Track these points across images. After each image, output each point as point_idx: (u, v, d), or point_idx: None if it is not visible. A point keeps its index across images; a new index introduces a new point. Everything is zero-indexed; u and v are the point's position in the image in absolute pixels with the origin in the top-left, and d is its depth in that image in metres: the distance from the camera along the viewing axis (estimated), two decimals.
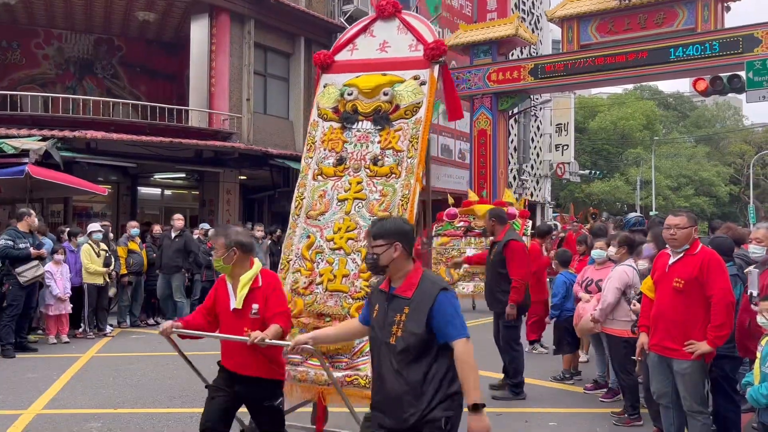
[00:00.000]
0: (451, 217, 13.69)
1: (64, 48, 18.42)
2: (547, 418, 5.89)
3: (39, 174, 11.37)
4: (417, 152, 4.86)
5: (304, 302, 4.71)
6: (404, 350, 2.97)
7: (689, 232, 4.43)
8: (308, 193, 5.07)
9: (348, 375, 4.42)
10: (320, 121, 5.22)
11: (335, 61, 5.38)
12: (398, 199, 4.72)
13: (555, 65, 16.75)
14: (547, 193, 31.68)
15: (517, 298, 6.46)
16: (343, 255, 4.74)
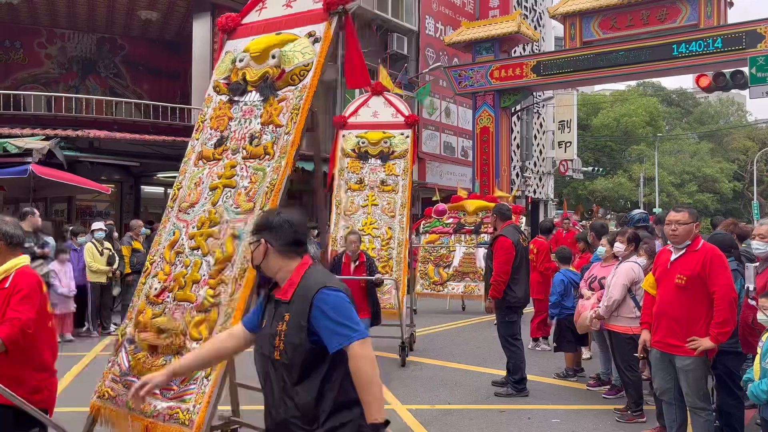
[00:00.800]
0: (440, 214, 13.31)
1: (67, 47, 18.46)
2: (550, 415, 5.90)
3: (42, 173, 11.40)
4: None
5: (153, 313, 3.88)
6: (288, 366, 2.46)
7: (690, 228, 4.44)
8: (186, 181, 4.25)
9: (171, 407, 3.52)
10: (214, 95, 4.41)
11: (241, 24, 4.52)
12: (265, 186, 3.76)
13: (557, 62, 16.75)
14: (550, 190, 31.66)
15: (493, 293, 6.47)
16: (199, 256, 3.85)
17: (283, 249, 2.58)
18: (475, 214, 13.00)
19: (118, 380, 3.85)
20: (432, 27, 23.82)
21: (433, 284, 12.68)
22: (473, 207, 13.04)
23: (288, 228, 2.59)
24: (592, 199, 40.48)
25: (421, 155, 22.93)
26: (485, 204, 12.91)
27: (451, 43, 18.77)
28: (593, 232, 7.73)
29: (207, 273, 3.74)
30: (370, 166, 8.78)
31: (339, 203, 8.65)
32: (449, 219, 13.16)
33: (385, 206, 8.48)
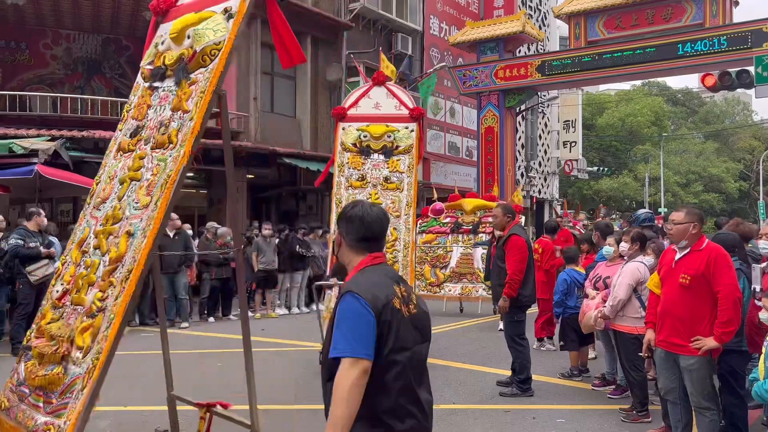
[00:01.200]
0: (437, 213, 12.69)
1: (72, 48, 18.51)
2: (555, 415, 5.89)
3: (48, 174, 11.42)
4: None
5: (51, 317, 3.56)
6: (323, 363, 2.42)
7: (686, 227, 4.46)
8: (104, 176, 3.90)
9: (46, 423, 3.19)
10: (141, 82, 4.05)
11: (176, 4, 4.12)
12: (163, 178, 3.37)
13: (562, 62, 16.72)
14: (555, 190, 31.61)
15: (510, 292, 6.46)
16: (98, 256, 3.49)
17: (352, 243, 2.52)
18: (473, 214, 12.67)
19: (14, 390, 3.52)
20: (436, 27, 23.82)
21: (429, 285, 12.28)
22: (471, 206, 12.70)
23: (359, 223, 2.50)
24: (597, 199, 40.38)
25: (426, 155, 22.92)
26: (483, 203, 12.64)
27: (456, 43, 18.76)
28: (598, 232, 7.72)
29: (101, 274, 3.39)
30: (372, 162, 8.05)
31: (339, 202, 7.98)
32: (446, 218, 12.72)
33: (389, 205, 7.80)
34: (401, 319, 2.38)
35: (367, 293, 2.33)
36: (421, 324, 2.51)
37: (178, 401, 4.52)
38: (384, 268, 2.52)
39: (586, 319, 6.46)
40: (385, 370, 2.31)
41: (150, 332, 10.44)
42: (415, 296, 2.55)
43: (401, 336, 2.36)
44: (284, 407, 6.04)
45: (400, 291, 2.44)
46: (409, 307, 2.46)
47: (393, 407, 2.32)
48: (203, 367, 7.74)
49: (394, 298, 2.39)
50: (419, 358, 2.45)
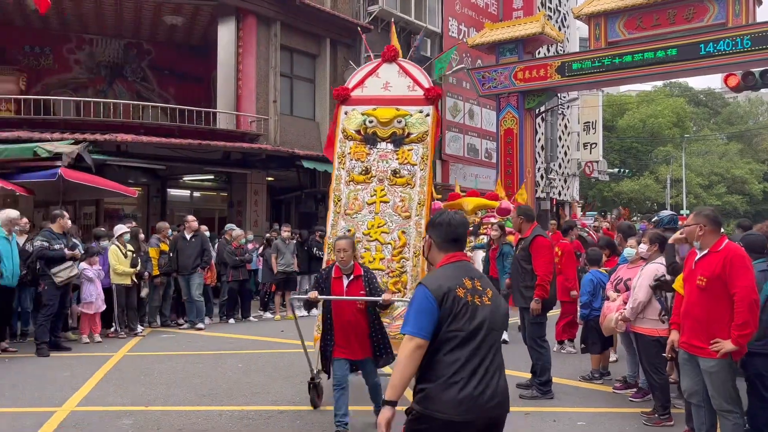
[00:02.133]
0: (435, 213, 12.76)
1: (95, 53, 18.74)
2: (576, 418, 5.85)
3: (72, 177, 11.58)
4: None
5: None
6: None
7: (693, 229, 4.51)
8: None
9: None
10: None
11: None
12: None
13: (582, 63, 16.61)
14: (575, 192, 31.38)
15: (542, 294, 6.44)
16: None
17: (440, 244, 3.11)
18: (474, 214, 12.04)
19: None
20: (455, 29, 23.78)
21: None
22: (472, 205, 11.92)
23: (446, 227, 3.09)
24: (617, 201, 40.02)
25: (445, 157, 22.90)
26: (485, 202, 11.89)
27: (475, 45, 18.71)
28: (620, 234, 7.66)
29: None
30: (378, 152, 6.70)
31: (338, 199, 6.64)
32: None
33: (398, 204, 6.48)
34: (465, 305, 2.90)
35: (435, 283, 2.93)
36: (491, 314, 2.97)
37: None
38: (460, 265, 3.06)
39: (606, 321, 6.42)
40: (442, 345, 2.87)
41: (171, 333, 10.54)
42: (491, 291, 3.04)
43: (461, 319, 2.88)
44: (306, 408, 6.06)
45: (472, 284, 2.97)
46: (482, 299, 2.97)
47: (446, 376, 2.83)
48: (224, 368, 7.79)
49: (458, 288, 2.91)
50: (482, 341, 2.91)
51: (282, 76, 17.80)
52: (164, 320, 11.22)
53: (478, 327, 2.90)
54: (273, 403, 6.24)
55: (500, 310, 3.05)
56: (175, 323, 11.33)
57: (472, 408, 2.81)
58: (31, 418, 5.62)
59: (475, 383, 2.84)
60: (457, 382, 2.82)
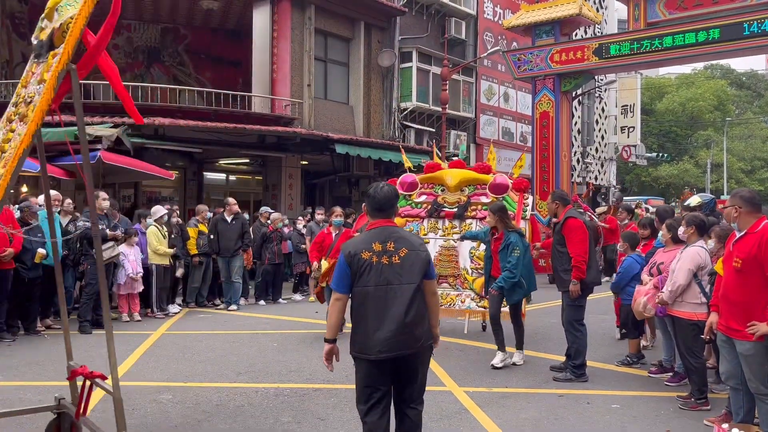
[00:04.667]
0: (409, 188, 9.18)
1: (133, 38, 19.03)
2: (610, 401, 5.82)
3: (111, 160, 11.83)
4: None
5: None
6: None
7: (729, 211, 4.52)
8: None
9: None
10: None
11: None
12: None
13: (621, 44, 16.29)
14: (612, 176, 30.91)
15: (579, 275, 6.39)
16: None
17: (369, 212, 3.79)
18: (459, 191, 8.96)
19: None
20: (490, 11, 23.51)
21: None
22: (456, 180, 8.86)
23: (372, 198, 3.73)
24: (656, 186, 39.34)
25: (479, 141, 22.75)
26: (473, 176, 8.94)
27: (510, 27, 18.47)
28: (659, 217, 7.56)
29: None
30: None
31: None
32: (421, 196, 9.13)
33: None
34: (368, 266, 3.55)
35: (345, 249, 3.63)
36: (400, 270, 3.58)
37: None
38: (375, 230, 3.67)
39: (635, 305, 6.37)
40: (356, 299, 3.60)
41: (207, 313, 10.74)
42: (406, 249, 3.61)
43: (366, 277, 3.55)
44: (340, 386, 6.15)
45: (383, 246, 3.58)
46: (391, 258, 3.57)
47: (361, 324, 3.58)
48: (260, 347, 7.92)
49: (364, 252, 3.57)
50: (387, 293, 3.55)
51: (316, 59, 17.85)
52: (201, 301, 11.43)
53: (383, 282, 3.53)
54: (307, 381, 6.34)
55: (413, 267, 3.59)
56: (212, 304, 11.54)
57: (383, 349, 3.48)
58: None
59: (384, 330, 3.49)
60: (369, 328, 3.52)
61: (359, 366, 3.60)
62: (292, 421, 5.11)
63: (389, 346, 3.49)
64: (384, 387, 3.60)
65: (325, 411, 5.38)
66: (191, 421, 5.09)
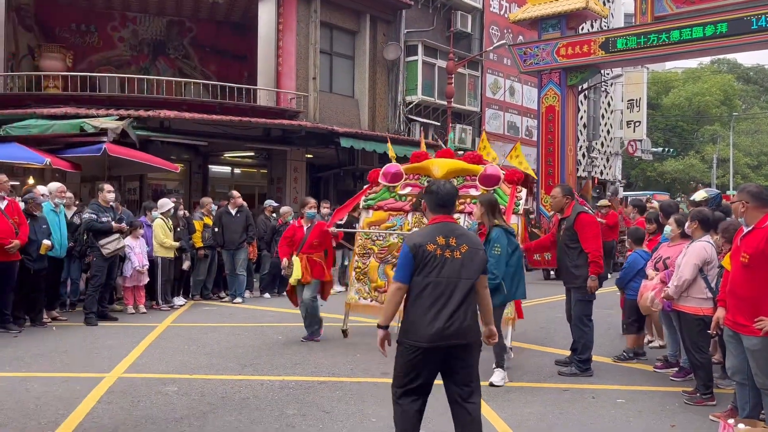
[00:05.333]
0: (392, 179, 8.32)
1: (138, 30, 19.02)
2: (615, 395, 5.81)
3: (116, 152, 11.84)
4: None
5: None
6: None
7: (736, 206, 4.54)
8: None
9: None
10: None
11: None
12: None
13: (627, 38, 16.20)
14: (618, 171, 30.81)
15: (596, 270, 6.36)
16: None
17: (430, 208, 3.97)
18: (447, 182, 7.99)
19: None
20: (497, 4, 23.42)
21: (375, 291, 7.98)
22: (444, 170, 8.00)
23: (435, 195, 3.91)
24: (661, 181, 39.22)
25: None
26: (462, 166, 8.09)
27: (516, 21, 18.38)
28: (662, 212, 7.53)
29: None
30: None
31: None
32: (406, 188, 8.27)
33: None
34: (433, 258, 3.68)
35: (410, 241, 3.76)
36: (460, 266, 3.72)
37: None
38: (437, 225, 3.82)
39: (642, 300, 6.35)
40: (416, 289, 3.71)
41: (213, 305, 10.77)
42: (467, 246, 3.76)
43: (430, 269, 3.68)
44: (345, 380, 6.16)
45: (446, 240, 3.73)
46: (453, 253, 3.71)
47: (418, 314, 3.68)
48: (265, 340, 7.94)
49: (429, 244, 3.70)
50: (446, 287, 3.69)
51: (321, 53, 17.81)
52: (206, 293, 11.44)
53: (444, 275, 3.68)
54: (312, 374, 6.35)
55: (472, 264, 3.75)
56: (217, 296, 11.56)
57: (435, 338, 3.61)
58: (82, 383, 5.83)
59: (440, 320, 3.63)
60: (426, 318, 3.64)
61: (406, 351, 3.70)
62: (297, 413, 5.13)
63: (443, 337, 3.62)
64: (427, 376, 3.72)
65: (330, 404, 5.38)
66: (196, 412, 5.10)
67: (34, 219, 8.38)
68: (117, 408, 5.19)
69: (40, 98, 14.66)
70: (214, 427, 4.80)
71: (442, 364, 3.71)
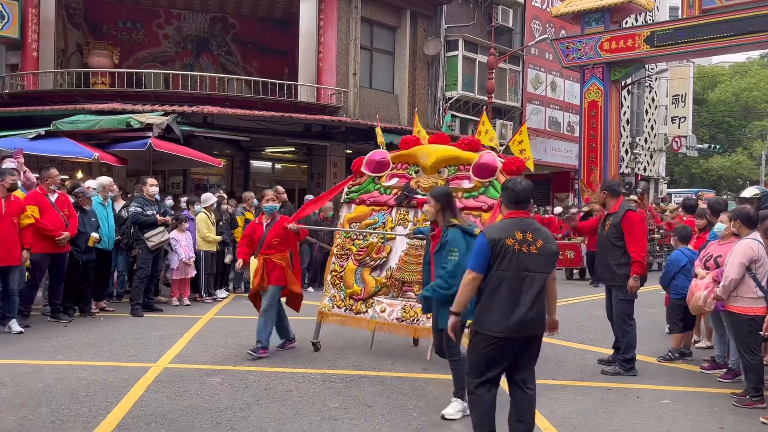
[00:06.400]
0: (377, 168, 7.22)
1: (182, 27, 19.33)
2: (660, 395, 5.71)
3: (161, 147, 12.08)
4: None
5: None
6: None
7: None
8: None
9: None
10: None
11: None
12: None
13: (673, 32, 15.85)
14: (662, 168, 30.18)
15: (639, 270, 6.25)
16: None
17: (506, 203, 4.12)
18: (437, 172, 6.81)
19: None
20: None
21: (350, 298, 6.90)
22: (433, 158, 6.80)
23: (510, 191, 4.08)
24: (706, 178, 38.32)
25: None
26: (456, 153, 6.77)
27: (559, 15, 18.16)
28: (711, 210, 7.36)
29: None
30: None
31: None
32: (392, 179, 7.08)
33: None
34: (511, 252, 3.86)
35: (489, 233, 3.96)
36: (536, 260, 3.91)
37: None
38: (513, 220, 4.01)
39: (694, 300, 6.21)
40: (492, 280, 3.91)
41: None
42: (541, 241, 3.93)
43: (507, 262, 3.87)
44: (386, 374, 6.18)
45: (523, 235, 3.90)
46: (530, 248, 3.89)
47: (494, 304, 3.89)
48: (308, 333, 8.00)
49: (508, 238, 3.88)
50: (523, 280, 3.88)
51: (362, 48, 17.85)
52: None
53: (521, 269, 3.86)
54: (354, 368, 6.39)
55: (548, 258, 3.94)
56: None
57: (513, 329, 3.83)
58: (130, 372, 5.97)
59: (519, 312, 3.83)
60: (504, 310, 3.84)
61: (482, 342, 3.92)
62: (339, 406, 5.17)
63: (521, 328, 3.85)
64: (502, 365, 3.97)
65: (371, 398, 5.41)
66: (240, 403, 5.18)
67: (83, 212, 8.61)
68: (163, 397, 5.30)
69: (88, 94, 15.03)
70: (258, 418, 4.87)
71: (520, 350, 3.95)
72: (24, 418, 4.74)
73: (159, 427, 4.64)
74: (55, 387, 5.49)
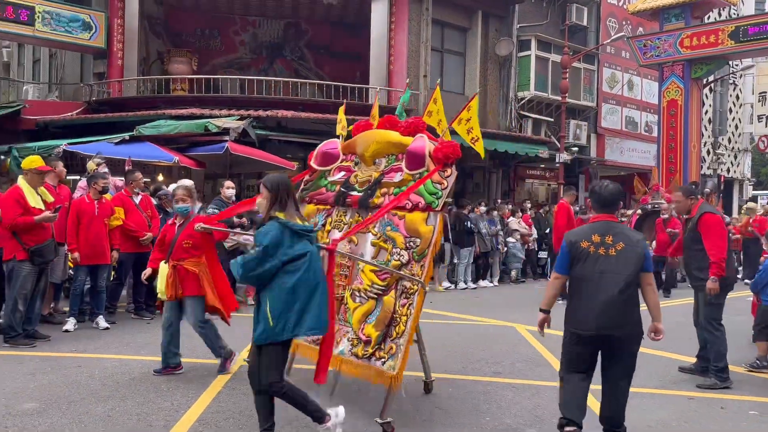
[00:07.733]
0: (323, 161, 6.04)
1: (257, 33, 19.83)
2: (747, 406, 5.46)
3: (237, 150, 12.41)
4: None
5: None
6: None
7: None
8: None
9: None
10: None
11: None
12: None
13: (760, 26, 15.14)
14: (747, 169, 28.85)
15: (718, 272, 6.03)
16: None
17: (593, 206, 4.47)
18: (374, 163, 5.66)
19: None
20: None
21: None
22: (370, 147, 5.60)
23: (597, 195, 4.34)
24: None
25: (600, 131, 21.93)
26: (395, 139, 5.48)
27: (636, 12, 17.66)
28: None
29: None
30: None
31: None
32: (339, 172, 5.93)
33: None
34: (587, 254, 4.13)
35: (569, 237, 4.26)
36: (614, 262, 4.08)
37: None
38: (595, 224, 4.27)
39: None
40: (574, 282, 4.24)
41: None
42: (622, 244, 4.09)
43: (584, 264, 4.15)
44: (457, 377, 6.16)
45: (601, 238, 4.13)
46: (608, 251, 4.09)
47: (576, 303, 4.21)
48: None
49: (584, 241, 4.16)
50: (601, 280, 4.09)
51: (432, 50, 17.84)
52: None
53: (598, 271, 4.07)
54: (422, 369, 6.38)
55: (627, 261, 4.05)
56: None
57: (590, 327, 4.08)
58: (209, 368, 6.19)
59: (595, 311, 4.05)
60: (584, 309, 4.12)
61: (571, 338, 4.24)
62: (411, 409, 5.18)
63: (596, 326, 4.06)
64: (588, 360, 4.20)
65: (442, 401, 5.41)
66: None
67: (166, 214, 8.95)
68: (240, 393, 5.45)
69: (168, 100, 15.63)
70: None
71: (602, 348, 4.17)
72: (112, 409, 4.97)
73: (236, 422, 4.78)
74: (138, 380, 5.74)
